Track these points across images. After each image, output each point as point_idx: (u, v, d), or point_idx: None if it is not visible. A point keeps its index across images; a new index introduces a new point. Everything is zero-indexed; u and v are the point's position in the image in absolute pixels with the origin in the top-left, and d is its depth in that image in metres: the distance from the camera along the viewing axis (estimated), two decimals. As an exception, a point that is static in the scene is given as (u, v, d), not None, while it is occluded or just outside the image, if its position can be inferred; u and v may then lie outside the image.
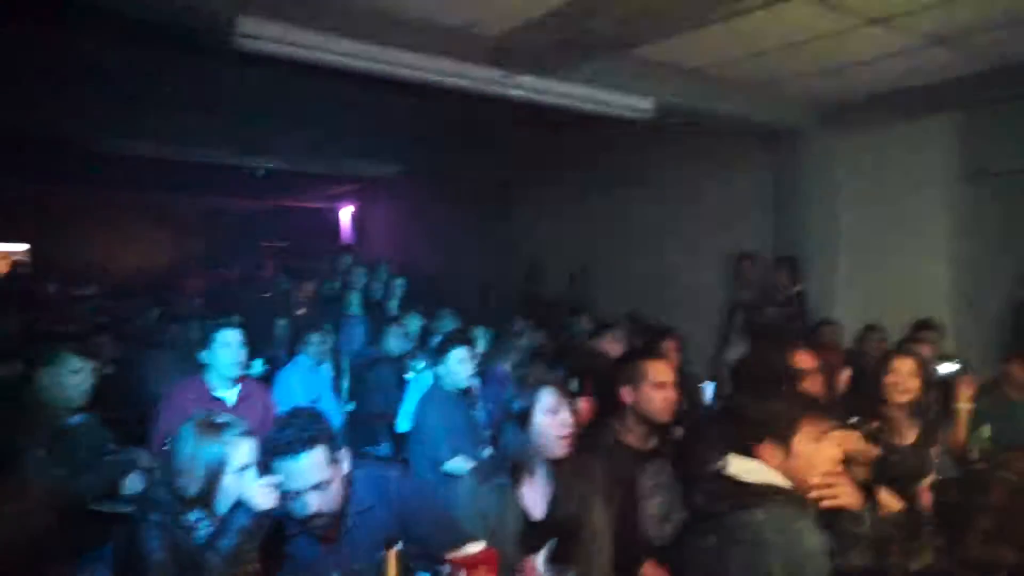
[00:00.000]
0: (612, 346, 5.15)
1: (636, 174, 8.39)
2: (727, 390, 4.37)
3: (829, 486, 2.14)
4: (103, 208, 14.66)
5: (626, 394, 2.94)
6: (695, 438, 3.01)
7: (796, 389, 2.95)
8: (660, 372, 2.92)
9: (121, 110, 7.66)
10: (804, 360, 3.27)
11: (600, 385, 3.60)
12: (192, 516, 2.19)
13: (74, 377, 3.30)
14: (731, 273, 7.27)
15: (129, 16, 4.33)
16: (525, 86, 5.41)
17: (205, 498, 2.19)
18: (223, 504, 2.18)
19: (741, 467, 2.09)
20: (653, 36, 4.85)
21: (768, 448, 2.10)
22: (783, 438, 2.09)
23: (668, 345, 4.70)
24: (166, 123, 7.94)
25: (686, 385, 3.93)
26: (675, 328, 5.20)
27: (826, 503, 2.14)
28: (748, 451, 2.12)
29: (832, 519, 2.16)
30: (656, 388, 2.89)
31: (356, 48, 4.62)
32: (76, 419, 3.33)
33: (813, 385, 3.17)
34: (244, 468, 2.22)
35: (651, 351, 3.39)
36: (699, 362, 6.02)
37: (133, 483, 3.31)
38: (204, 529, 2.17)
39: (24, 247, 14.53)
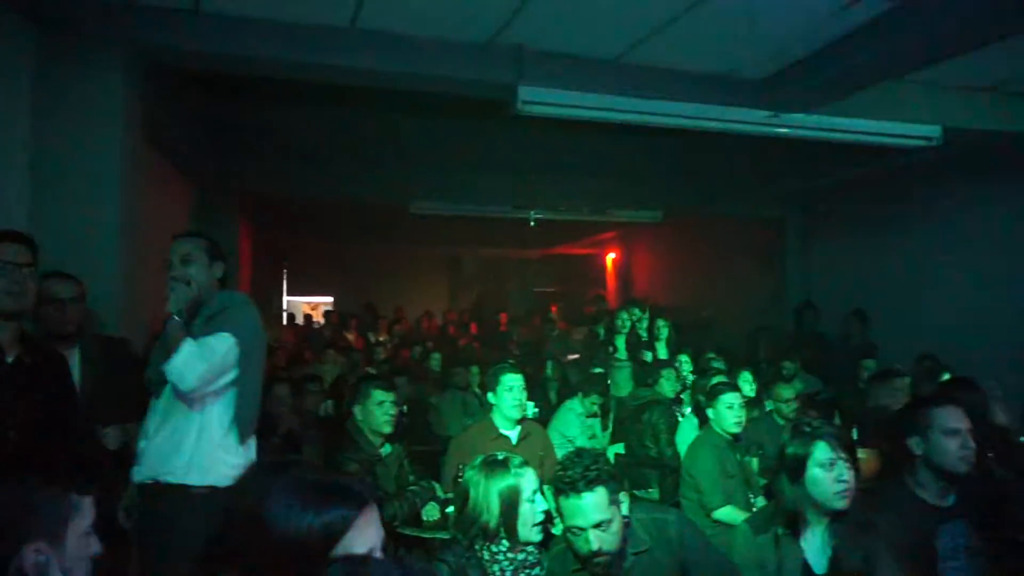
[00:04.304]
0: (898, 393, 4.76)
1: (921, 207, 7.71)
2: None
3: None
4: (392, 261, 16.28)
5: (914, 445, 2.74)
6: (1006, 498, 2.72)
7: None
8: (951, 418, 2.68)
9: (416, 173, 8.56)
10: None
11: (889, 435, 3.37)
12: (495, 548, 2.39)
13: (379, 408, 3.77)
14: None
15: (425, 92, 4.94)
16: (793, 123, 5.28)
17: (507, 529, 2.39)
18: (524, 531, 2.39)
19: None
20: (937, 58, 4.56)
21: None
22: None
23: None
24: (451, 183, 8.73)
25: (996, 438, 3.55)
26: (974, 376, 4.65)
27: None
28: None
29: None
30: (948, 436, 2.65)
31: (623, 103, 4.84)
32: (386, 449, 3.80)
33: None
34: (534, 494, 2.43)
35: (940, 397, 3.04)
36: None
37: (431, 512, 3.69)
38: (505, 560, 2.37)
39: (330, 299, 16.57)
